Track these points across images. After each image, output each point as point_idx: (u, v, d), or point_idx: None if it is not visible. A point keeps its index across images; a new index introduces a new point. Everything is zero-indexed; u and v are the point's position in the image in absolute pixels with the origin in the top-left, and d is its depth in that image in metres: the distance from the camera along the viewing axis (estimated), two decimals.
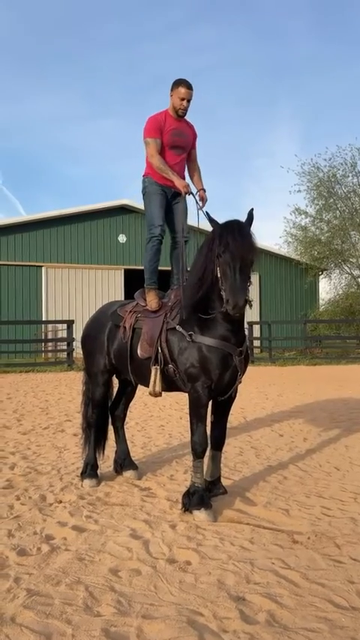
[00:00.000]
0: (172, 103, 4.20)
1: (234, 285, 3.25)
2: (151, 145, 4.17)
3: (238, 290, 3.24)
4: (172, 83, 4.18)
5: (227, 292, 3.29)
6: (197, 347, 3.62)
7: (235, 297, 3.22)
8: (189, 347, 3.66)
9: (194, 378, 3.66)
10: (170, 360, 3.81)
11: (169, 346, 3.81)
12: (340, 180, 23.90)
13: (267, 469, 4.82)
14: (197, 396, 3.66)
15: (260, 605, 2.47)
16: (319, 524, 3.46)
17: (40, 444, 5.90)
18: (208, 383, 3.62)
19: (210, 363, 3.58)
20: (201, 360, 3.60)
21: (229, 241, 3.30)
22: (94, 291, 21.95)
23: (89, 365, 4.51)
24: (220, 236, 3.36)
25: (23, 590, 2.61)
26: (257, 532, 3.35)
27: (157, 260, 4.40)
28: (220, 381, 3.64)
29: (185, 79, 4.17)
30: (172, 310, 3.94)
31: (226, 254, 3.29)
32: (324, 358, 19.10)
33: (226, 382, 3.68)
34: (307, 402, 9.00)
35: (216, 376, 3.60)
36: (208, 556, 3.00)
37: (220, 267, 3.37)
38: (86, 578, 2.74)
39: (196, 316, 3.64)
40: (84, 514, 3.68)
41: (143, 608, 2.45)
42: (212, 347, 3.57)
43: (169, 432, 6.53)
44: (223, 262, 3.32)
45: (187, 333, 3.67)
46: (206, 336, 3.60)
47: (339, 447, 5.66)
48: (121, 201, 22.55)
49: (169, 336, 3.84)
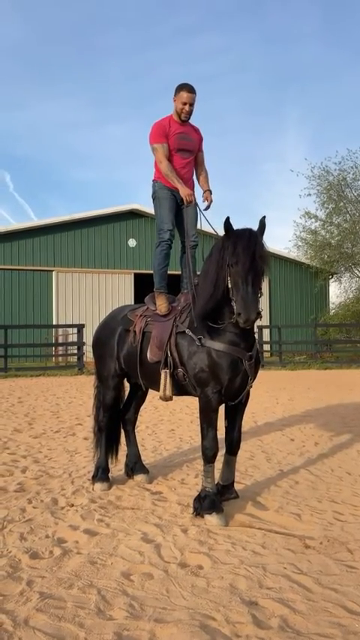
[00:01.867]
0: (175, 107, 4.19)
1: (246, 298, 3.22)
2: (158, 151, 4.18)
3: (250, 303, 3.22)
4: (175, 88, 4.17)
5: (239, 305, 3.26)
6: (207, 351, 3.60)
7: (248, 310, 3.20)
8: (198, 351, 3.64)
9: (204, 383, 3.64)
10: (180, 364, 3.80)
11: (179, 350, 3.81)
12: (351, 183, 23.81)
13: (278, 473, 4.80)
14: (207, 401, 3.64)
15: (273, 610, 2.46)
16: (332, 529, 3.44)
17: (51, 448, 5.92)
18: (217, 388, 3.60)
19: (220, 368, 3.55)
20: (210, 364, 3.58)
21: (241, 252, 3.26)
22: (104, 296, 22.03)
23: (100, 369, 4.53)
24: (233, 245, 3.32)
25: (36, 593, 2.62)
26: (269, 537, 3.34)
27: (166, 264, 4.39)
28: (230, 386, 3.61)
29: (187, 83, 4.14)
30: (182, 314, 3.93)
31: (238, 265, 3.26)
32: (334, 362, 18.99)
33: (237, 387, 3.65)
34: (318, 406, 8.95)
35: (226, 381, 3.57)
36: (220, 560, 2.99)
37: (232, 277, 3.33)
38: (98, 582, 2.74)
39: (212, 320, 3.61)
40: (95, 518, 3.68)
41: (155, 612, 2.45)
42: (222, 352, 3.55)
43: (179, 436, 6.52)
44: (235, 273, 3.30)
45: (196, 338, 3.66)
46: (216, 341, 3.58)
47: (351, 452, 5.62)
48: (131, 206, 22.65)
49: (179, 339, 3.83)
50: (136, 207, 22.59)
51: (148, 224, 22.44)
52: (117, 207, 22.71)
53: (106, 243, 22.38)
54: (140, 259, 22.42)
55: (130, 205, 22.67)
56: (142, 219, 22.77)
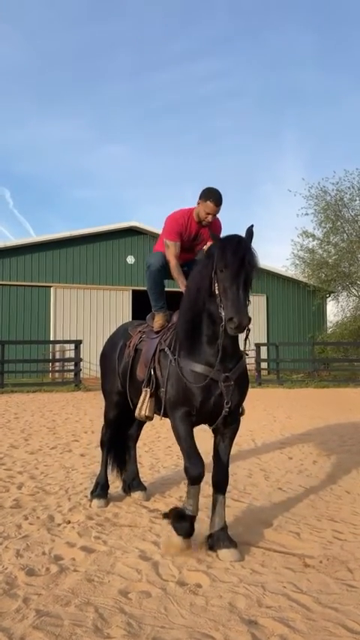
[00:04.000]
0: (198, 210, 3.97)
1: (236, 302, 3.00)
2: (170, 249, 4.01)
3: (241, 307, 2.99)
4: (203, 192, 3.91)
5: (229, 310, 3.00)
6: (179, 371, 3.40)
7: (240, 315, 2.96)
8: (173, 371, 3.45)
9: (172, 405, 3.44)
10: (162, 383, 3.60)
11: (161, 368, 3.64)
12: (348, 203, 24.07)
13: (277, 492, 4.77)
14: (174, 425, 3.43)
15: (272, 629, 2.43)
16: (331, 548, 3.41)
17: (47, 464, 5.88)
18: (184, 410, 3.37)
19: (189, 390, 3.32)
20: (180, 385, 3.36)
21: (230, 256, 3.09)
22: (102, 312, 22.04)
23: (103, 384, 4.51)
24: (221, 250, 3.14)
25: (32, 611, 2.58)
26: (268, 555, 3.31)
27: (161, 289, 4.19)
28: (202, 409, 3.34)
29: (216, 193, 3.88)
30: (168, 331, 3.78)
31: (228, 269, 3.07)
32: (332, 381, 18.97)
33: (210, 410, 3.35)
34: (316, 425, 8.92)
35: (197, 403, 3.32)
36: (219, 579, 2.96)
37: (220, 283, 3.12)
38: (96, 600, 2.71)
39: (186, 339, 3.42)
40: (93, 535, 3.64)
41: (154, 631, 2.41)
42: (193, 372, 3.32)
43: (177, 454, 6.47)
44: (224, 278, 3.09)
45: (172, 357, 3.49)
46: (190, 360, 3.37)
47: (349, 471, 5.59)
48: (129, 223, 22.79)
49: (162, 358, 3.68)
50: (135, 225, 22.73)
51: (147, 241, 22.56)
52: (116, 224, 22.83)
53: (104, 259, 22.46)
54: (139, 276, 22.46)
55: (129, 222, 22.81)
56: (140, 236, 22.89)
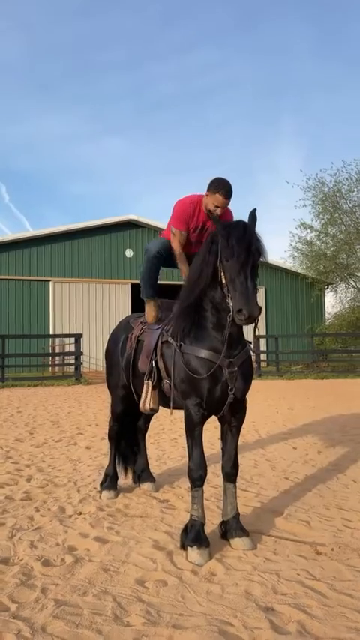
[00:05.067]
0: (206, 201, 3.77)
1: (246, 293, 2.89)
2: (176, 237, 3.90)
3: (251, 297, 2.88)
4: (212, 183, 3.68)
5: (238, 301, 2.90)
6: (185, 359, 3.34)
7: (250, 306, 2.85)
8: (178, 360, 3.39)
9: (185, 395, 3.37)
10: (166, 375, 3.60)
11: (165, 360, 3.60)
12: (346, 194, 24.04)
13: (284, 481, 4.81)
14: (188, 415, 3.33)
15: (290, 615, 2.46)
16: (342, 536, 3.45)
17: (54, 457, 5.90)
18: (197, 400, 3.29)
19: (197, 377, 3.25)
20: (188, 373, 3.30)
21: (236, 244, 2.98)
22: (101, 306, 22.04)
23: (108, 379, 4.50)
24: (226, 238, 3.04)
25: (51, 601, 2.61)
26: (280, 543, 3.34)
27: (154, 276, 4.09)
28: (209, 397, 3.27)
29: (226, 184, 3.64)
30: (170, 322, 3.69)
31: (234, 259, 2.97)
32: (331, 372, 19.04)
33: (217, 398, 3.28)
34: (318, 415, 8.97)
35: (205, 391, 3.25)
36: (233, 567, 3.00)
37: (227, 272, 3.02)
38: (113, 589, 2.74)
39: (189, 326, 3.36)
40: (105, 525, 3.67)
41: (173, 618, 2.44)
42: (199, 358, 3.26)
43: (182, 445, 6.51)
44: (230, 267, 2.98)
45: (176, 344, 3.42)
46: (195, 346, 3.31)
47: (355, 460, 5.63)
48: (128, 217, 22.74)
49: (164, 349, 3.62)
50: (134, 218, 22.68)
51: (145, 234, 22.53)
52: (114, 218, 22.78)
53: (103, 253, 22.42)
54: (137, 269, 22.44)
55: (128, 216, 22.75)
56: (139, 229, 22.86)
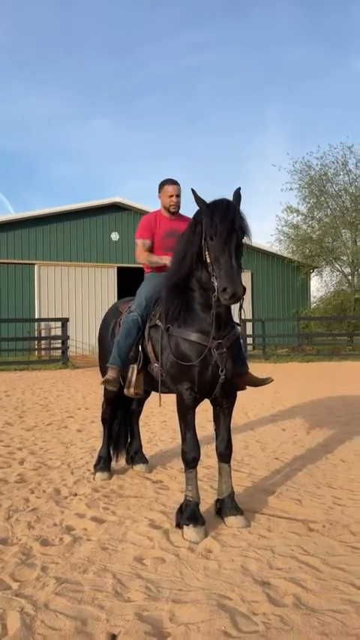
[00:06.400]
0: (162, 203, 4.10)
1: (230, 271, 2.88)
2: (138, 246, 4.09)
3: (236, 276, 2.87)
4: (158, 186, 4.09)
5: (223, 279, 2.88)
6: (174, 342, 3.34)
7: (234, 284, 2.84)
8: (167, 343, 3.39)
9: (175, 379, 3.37)
10: (156, 359, 3.61)
11: (153, 344, 3.62)
12: (332, 178, 24.05)
13: (274, 462, 4.90)
14: (180, 399, 3.35)
15: (285, 589, 2.54)
16: (332, 513, 3.54)
17: (45, 440, 5.93)
18: (189, 383, 3.29)
19: (187, 360, 3.25)
20: (178, 356, 3.29)
21: (219, 222, 2.96)
22: (87, 289, 21.91)
23: (101, 364, 4.52)
24: (210, 216, 3.01)
25: (52, 579, 2.65)
26: (273, 521, 3.43)
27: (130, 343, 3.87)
28: (200, 380, 3.27)
29: (169, 178, 4.06)
30: (157, 307, 3.70)
31: (218, 237, 2.94)
32: (316, 355, 19.26)
33: (208, 381, 3.29)
34: (304, 398, 9.10)
35: (195, 374, 3.25)
36: (229, 544, 3.07)
37: (211, 251, 3.00)
38: (112, 566, 2.80)
39: (177, 309, 3.34)
40: (101, 506, 3.73)
41: (172, 594, 2.51)
42: (188, 341, 3.26)
43: (172, 428, 6.58)
44: (215, 246, 2.96)
45: (164, 327, 3.43)
46: (183, 329, 3.30)
47: (342, 441, 5.75)
48: (113, 199, 22.51)
49: (152, 333, 3.64)
50: (119, 200, 22.47)
51: (131, 217, 22.37)
52: (100, 201, 22.54)
53: (88, 236, 22.22)
54: (123, 253, 22.32)
55: (113, 198, 22.53)
56: (125, 212, 22.66)
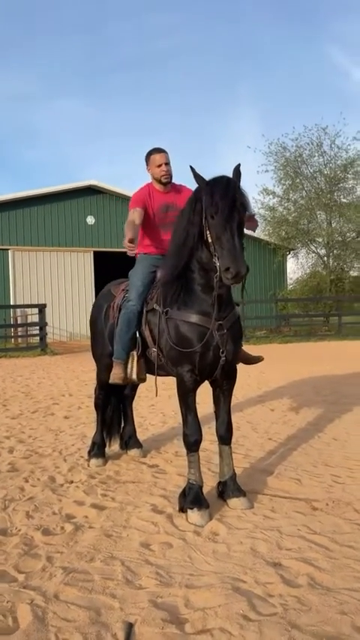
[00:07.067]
0: (152, 175, 3.81)
1: (233, 251, 2.80)
2: (130, 215, 3.70)
3: (239, 255, 2.79)
4: (145, 158, 3.82)
5: (226, 259, 2.80)
6: (174, 325, 3.28)
7: (237, 264, 2.76)
8: (166, 326, 3.33)
9: (175, 362, 3.31)
10: (154, 343, 3.55)
11: (151, 328, 3.55)
12: (307, 160, 24.04)
13: (268, 442, 4.90)
14: (180, 381, 3.30)
15: (298, 569, 2.52)
16: (333, 491, 3.54)
17: (33, 428, 5.81)
18: (189, 366, 3.24)
19: (188, 343, 3.19)
20: (178, 339, 3.24)
21: (220, 200, 2.87)
22: (63, 275, 21.55)
23: (94, 348, 4.41)
24: (210, 194, 2.92)
25: (59, 569, 2.58)
26: (275, 501, 3.41)
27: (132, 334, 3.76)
28: (202, 362, 3.22)
29: (154, 147, 3.81)
30: (153, 290, 3.64)
31: (219, 215, 2.87)
32: (294, 336, 19.44)
33: (209, 363, 3.24)
34: (289, 378, 9.14)
35: (196, 356, 3.20)
36: (235, 526, 3.04)
37: (212, 230, 2.92)
38: (119, 554, 2.73)
39: (177, 291, 3.27)
40: (99, 492, 3.65)
41: (184, 579, 2.46)
42: (188, 323, 3.20)
43: (161, 411, 6.54)
44: (216, 225, 2.88)
45: (162, 310, 3.36)
46: (182, 311, 3.24)
47: (331, 419, 5.79)
48: (88, 182, 22.08)
49: (150, 317, 3.56)
50: (94, 183, 22.05)
51: (106, 200, 22.02)
52: (74, 184, 22.06)
53: (63, 220, 21.78)
54: (99, 237, 21.99)
55: (88, 181, 22.09)
56: (100, 195, 22.26)
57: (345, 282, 24.33)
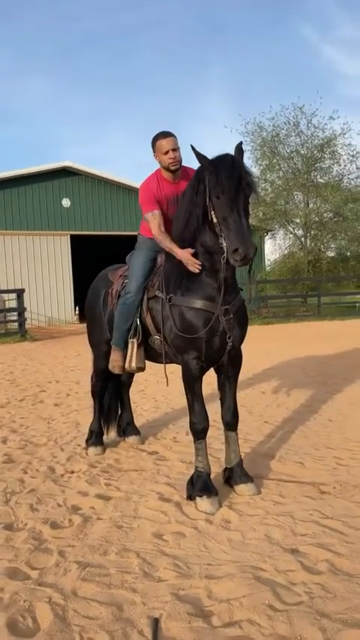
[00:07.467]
0: (160, 163, 3.47)
1: (241, 231, 2.71)
2: (151, 222, 3.43)
3: (247, 236, 2.71)
4: (151, 143, 3.46)
5: (233, 240, 2.72)
6: (178, 312, 3.19)
7: (246, 245, 2.68)
8: (170, 313, 3.24)
9: (181, 349, 3.24)
10: (156, 330, 3.47)
11: (153, 316, 3.47)
12: (284, 139, 23.91)
13: (265, 425, 4.89)
14: (186, 369, 3.23)
15: (316, 555, 2.50)
16: (339, 474, 3.55)
17: (23, 416, 5.69)
18: (195, 353, 3.16)
19: (194, 330, 3.11)
20: (183, 326, 3.16)
21: (226, 179, 2.77)
22: (39, 259, 21.14)
23: (90, 335, 4.29)
24: (215, 173, 2.81)
25: (73, 563, 2.51)
26: (283, 486, 3.39)
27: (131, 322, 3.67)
28: (208, 349, 3.16)
29: (160, 132, 3.45)
30: (154, 277, 3.54)
31: (225, 195, 2.77)
32: (273, 317, 19.54)
33: (216, 349, 3.18)
34: (275, 360, 9.16)
35: (203, 343, 3.13)
36: (246, 513, 3.01)
37: (218, 211, 2.83)
38: (132, 545, 2.68)
39: (179, 276, 3.20)
40: (102, 482, 3.59)
41: (203, 569, 2.42)
42: (194, 309, 3.12)
43: (152, 397, 6.47)
44: (222, 205, 2.79)
45: (166, 297, 3.27)
46: (187, 297, 3.15)
47: (324, 400, 5.81)
48: (62, 163, 21.57)
49: (152, 304, 3.47)
50: (69, 165, 21.55)
51: (82, 182, 21.60)
52: (47, 165, 21.52)
53: (38, 203, 21.29)
54: (76, 220, 21.60)
55: (62, 163, 21.58)
56: (75, 177, 21.81)
57: (322, 263, 24.49)
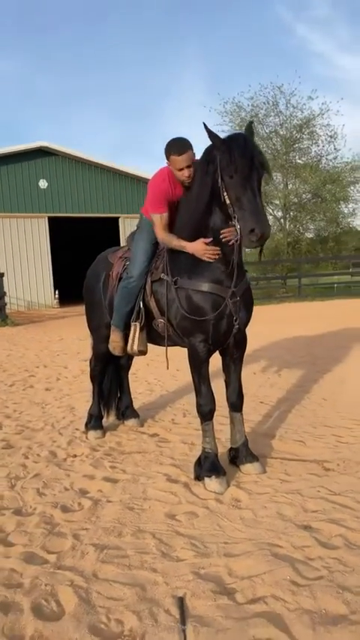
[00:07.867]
0: (173, 172, 3.23)
1: (256, 211, 2.65)
2: (157, 224, 3.32)
3: (262, 216, 2.66)
4: (164, 151, 3.18)
5: (249, 220, 2.65)
6: (185, 295, 3.18)
7: (262, 225, 2.62)
8: (176, 296, 3.22)
9: (188, 332, 3.22)
10: (160, 314, 3.44)
11: (157, 299, 3.42)
12: (263, 120, 23.85)
13: (261, 406, 4.93)
14: (194, 352, 3.22)
15: (330, 530, 2.55)
16: (341, 451, 3.61)
17: (16, 402, 5.62)
18: (202, 336, 3.16)
19: (201, 312, 3.11)
20: (190, 309, 3.15)
21: (239, 158, 2.72)
22: (17, 242, 20.76)
23: (89, 318, 4.24)
24: (228, 152, 2.76)
25: (89, 546, 2.51)
26: (287, 464, 3.44)
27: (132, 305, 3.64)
28: (215, 332, 3.16)
29: (176, 142, 3.13)
30: (157, 259, 3.48)
31: (239, 175, 2.72)
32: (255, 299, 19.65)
33: (223, 332, 3.19)
34: (262, 342, 9.22)
35: (210, 326, 3.13)
36: (254, 491, 3.05)
37: (231, 191, 2.77)
38: (146, 526, 2.69)
39: (189, 259, 3.16)
40: (107, 465, 3.58)
41: (220, 548, 2.45)
42: (201, 292, 3.10)
43: (145, 379, 6.46)
44: (236, 184, 2.73)
45: (171, 280, 3.24)
46: (193, 280, 3.13)
47: (315, 380, 5.89)
48: (38, 143, 21.09)
49: (156, 287, 3.43)
50: (45, 145, 21.10)
51: (59, 162, 21.19)
52: (23, 145, 21.03)
53: (14, 184, 20.84)
54: (53, 201, 21.23)
55: (38, 143, 21.10)
56: (52, 157, 21.37)
57: (302, 245, 24.67)
